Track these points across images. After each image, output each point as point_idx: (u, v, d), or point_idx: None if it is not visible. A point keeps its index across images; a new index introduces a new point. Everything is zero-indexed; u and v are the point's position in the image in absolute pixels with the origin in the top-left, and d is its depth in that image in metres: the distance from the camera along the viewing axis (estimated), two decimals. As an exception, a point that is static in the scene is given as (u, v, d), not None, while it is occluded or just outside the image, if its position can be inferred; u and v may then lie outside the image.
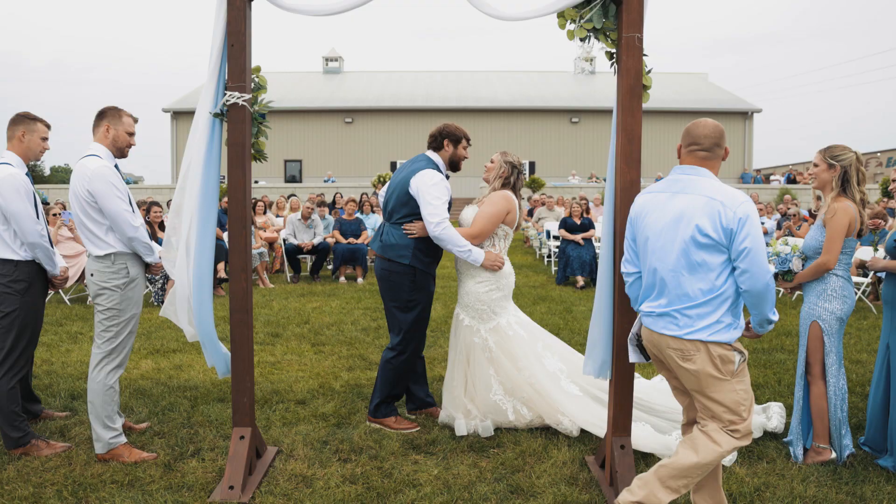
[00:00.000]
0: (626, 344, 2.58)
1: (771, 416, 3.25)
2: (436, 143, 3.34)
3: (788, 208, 9.13)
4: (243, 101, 2.65)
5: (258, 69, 2.80)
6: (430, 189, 3.12)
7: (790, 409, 3.49)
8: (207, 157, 2.69)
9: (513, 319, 3.26)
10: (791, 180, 24.57)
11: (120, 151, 3.06)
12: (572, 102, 29.50)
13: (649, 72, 2.64)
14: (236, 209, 2.71)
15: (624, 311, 2.57)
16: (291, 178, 28.81)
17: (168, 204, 10.46)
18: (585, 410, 3.14)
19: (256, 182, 24.66)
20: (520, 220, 3.32)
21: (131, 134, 3.07)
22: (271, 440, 3.17)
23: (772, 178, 27.06)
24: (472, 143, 3.45)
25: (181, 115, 30.00)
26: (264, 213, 10.38)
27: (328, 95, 30.95)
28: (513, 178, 3.31)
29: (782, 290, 3.14)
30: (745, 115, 29.56)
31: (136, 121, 3.14)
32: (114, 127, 3.01)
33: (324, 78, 33.92)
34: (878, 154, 28.91)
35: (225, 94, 2.66)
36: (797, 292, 6.66)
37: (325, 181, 25.06)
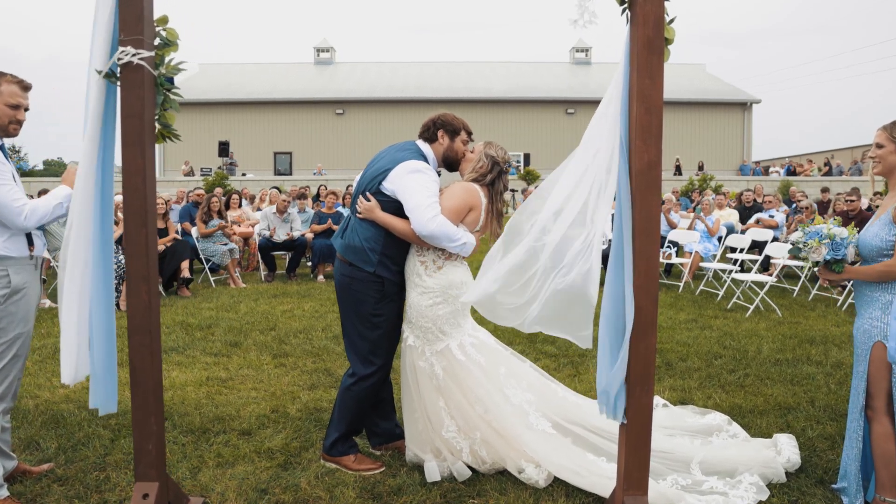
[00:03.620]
0: (643, 374, 1.98)
1: (781, 449, 2.67)
2: (429, 133, 2.70)
3: (800, 200, 8.56)
4: (140, 59, 2.02)
5: (165, 20, 2.16)
6: (413, 176, 2.48)
7: (830, 442, 2.91)
8: (102, 133, 2.06)
9: (468, 341, 2.61)
10: (791, 172, 24.05)
11: (2, 130, 2.42)
12: (568, 93, 28.84)
13: (671, 22, 2.03)
14: (134, 200, 2.08)
15: (642, 334, 1.96)
16: (281, 172, 28.07)
17: None
18: (560, 453, 2.51)
19: (244, 175, 23.94)
20: (488, 223, 2.66)
21: (15, 107, 2.42)
22: (199, 487, 2.56)
23: (770, 170, 26.56)
24: (473, 136, 2.81)
25: (167, 107, 29.19)
26: (239, 206, 9.74)
27: (319, 86, 30.18)
28: (491, 175, 2.64)
29: (823, 281, 2.50)
30: (744, 106, 28.99)
31: (26, 88, 2.49)
32: None
33: (315, 69, 33.11)
34: (877, 146, 28.48)
35: (119, 49, 2.03)
36: (848, 300, 6.08)
37: (313, 174, 24.36)
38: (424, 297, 2.55)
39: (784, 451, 2.66)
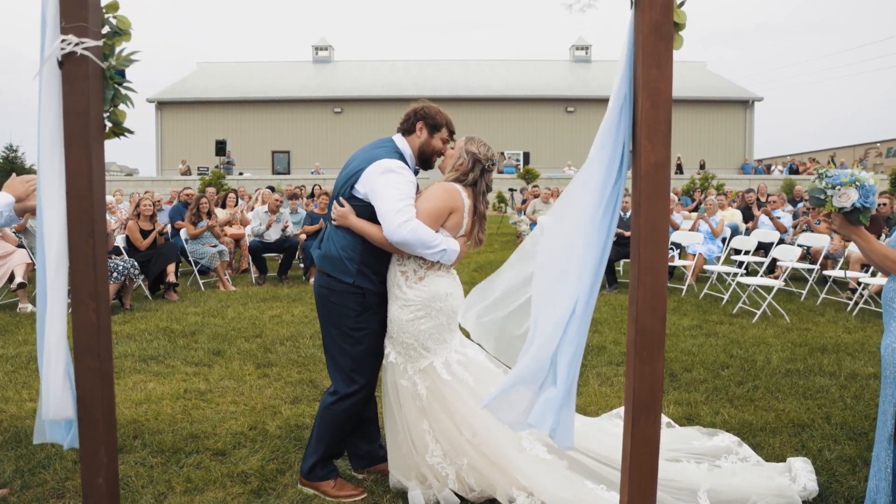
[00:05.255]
0: (649, 401, 1.76)
1: (796, 475, 2.45)
2: (407, 124, 2.48)
3: (806, 199, 8.34)
4: (84, 49, 1.80)
5: (115, 6, 1.94)
6: (385, 177, 2.27)
7: (851, 465, 2.69)
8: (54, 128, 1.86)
9: (454, 358, 2.38)
10: (793, 171, 23.82)
11: None
12: (568, 91, 28.61)
13: (682, 4, 1.81)
14: (80, 207, 1.86)
15: (647, 357, 1.74)
16: (279, 171, 27.86)
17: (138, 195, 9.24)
18: (556, 480, 2.29)
19: (241, 174, 23.74)
20: (473, 227, 2.44)
21: None
22: (162, 518, 2.35)
23: (772, 168, 26.34)
24: (456, 135, 2.57)
25: (166, 105, 29.08)
26: (235, 205, 9.52)
27: (317, 85, 29.98)
28: (473, 174, 2.41)
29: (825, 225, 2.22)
30: (745, 104, 28.75)
31: None
32: None
33: (313, 67, 32.90)
34: (878, 144, 28.32)
35: (60, 38, 1.81)
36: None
37: (311, 173, 24.16)
38: (405, 310, 2.33)
39: (799, 477, 2.44)
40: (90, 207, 1.85)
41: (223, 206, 9.53)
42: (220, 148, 23.10)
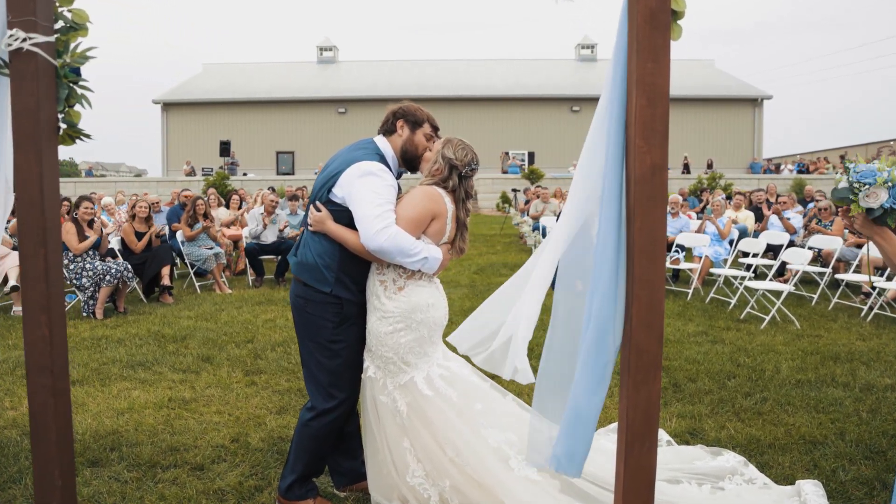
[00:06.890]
0: (645, 427, 1.61)
1: (805, 500, 2.29)
2: (388, 125, 2.35)
3: (818, 200, 8.09)
4: (32, 45, 1.67)
5: (70, -2, 1.81)
6: (364, 180, 2.13)
7: (868, 488, 2.52)
8: None
9: (436, 372, 2.23)
10: (803, 170, 23.48)
11: None
12: (573, 91, 28.36)
13: (680, -9, 1.65)
14: (30, 215, 1.73)
15: (643, 380, 1.58)
16: (284, 171, 27.83)
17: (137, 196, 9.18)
18: (546, 503, 2.15)
19: (245, 174, 23.72)
20: (453, 231, 2.30)
21: None
22: (131, 541, 2.22)
23: (781, 167, 26.00)
24: (440, 132, 2.42)
25: (172, 107, 29.14)
26: (239, 207, 9.43)
27: (321, 85, 29.94)
28: (451, 182, 2.26)
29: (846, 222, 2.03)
30: (754, 102, 28.38)
31: None
32: None
33: (317, 67, 32.87)
34: (892, 143, 27.87)
35: (7, 33, 1.68)
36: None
37: (314, 173, 24.08)
38: (384, 322, 2.19)
39: (809, 502, 2.27)
40: (41, 216, 1.72)
41: (227, 207, 9.46)
42: (225, 148, 23.09)
